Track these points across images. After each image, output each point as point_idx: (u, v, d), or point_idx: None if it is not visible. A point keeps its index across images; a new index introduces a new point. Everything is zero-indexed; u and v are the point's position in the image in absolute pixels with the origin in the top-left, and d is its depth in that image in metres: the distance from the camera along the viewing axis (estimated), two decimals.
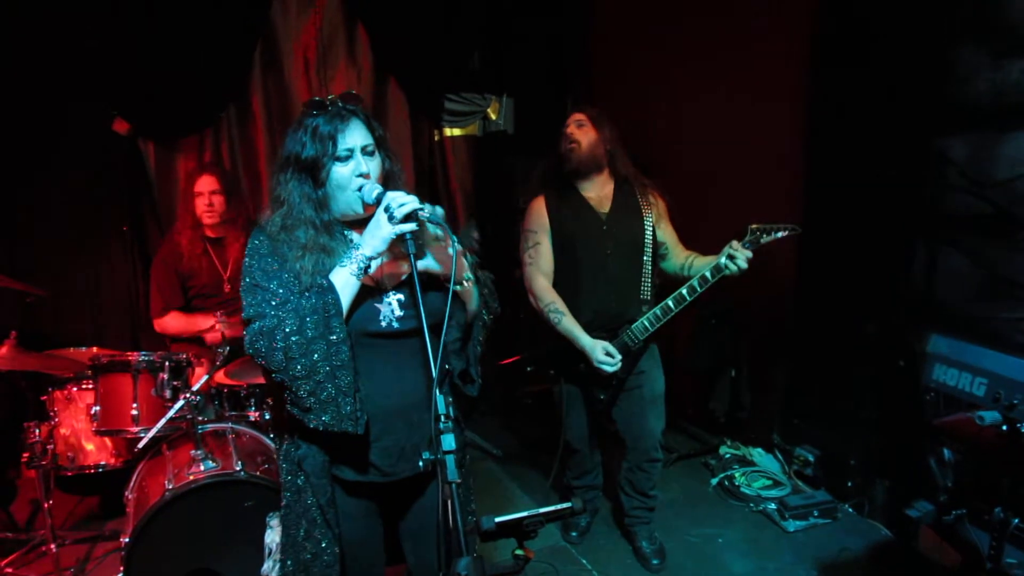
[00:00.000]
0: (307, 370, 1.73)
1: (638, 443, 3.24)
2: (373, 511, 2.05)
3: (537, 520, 1.51)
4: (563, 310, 3.01)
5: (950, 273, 3.18)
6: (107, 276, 4.34)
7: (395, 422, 1.92)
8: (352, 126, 1.83)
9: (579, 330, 2.98)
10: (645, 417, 3.20)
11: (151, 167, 4.38)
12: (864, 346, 3.57)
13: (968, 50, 2.98)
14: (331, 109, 1.84)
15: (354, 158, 1.82)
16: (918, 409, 3.16)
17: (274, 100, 4.61)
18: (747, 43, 4.03)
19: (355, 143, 1.82)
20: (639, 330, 2.98)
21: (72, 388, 3.26)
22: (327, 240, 1.85)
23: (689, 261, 3.08)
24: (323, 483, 1.91)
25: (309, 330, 1.73)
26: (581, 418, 3.27)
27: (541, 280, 3.06)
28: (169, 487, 2.73)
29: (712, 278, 2.79)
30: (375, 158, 1.87)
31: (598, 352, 2.93)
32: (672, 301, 2.89)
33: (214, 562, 2.81)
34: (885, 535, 3.50)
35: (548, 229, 3.08)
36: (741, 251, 2.74)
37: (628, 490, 3.36)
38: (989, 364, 2.48)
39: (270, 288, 1.79)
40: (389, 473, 1.94)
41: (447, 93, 5.01)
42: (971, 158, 3.03)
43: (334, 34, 4.68)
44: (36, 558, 3.28)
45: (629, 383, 3.15)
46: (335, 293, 1.75)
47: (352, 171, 1.82)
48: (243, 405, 3.39)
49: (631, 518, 3.39)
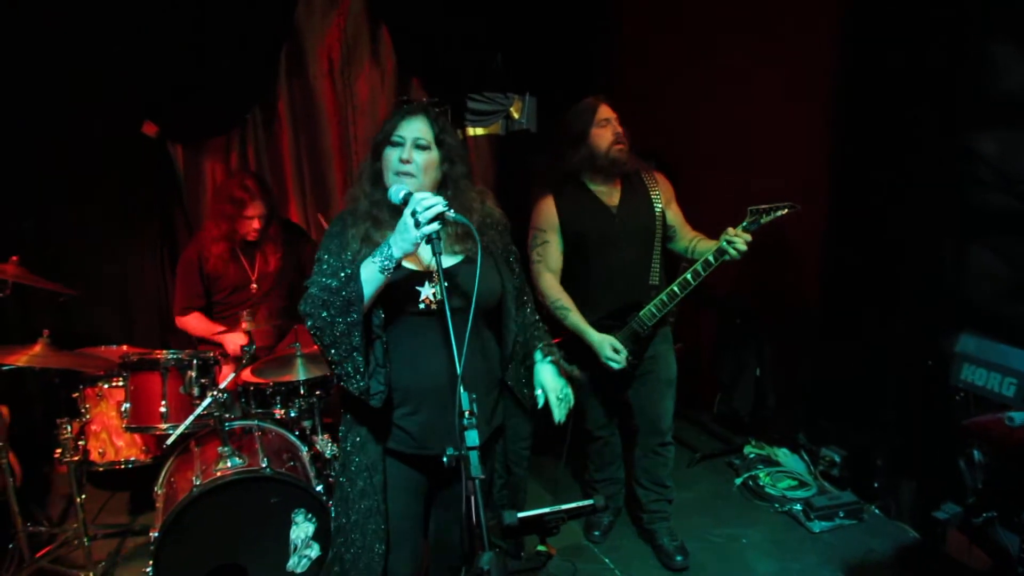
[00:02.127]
0: (332, 341, 1.91)
1: (653, 425, 3.24)
2: (418, 486, 2.15)
3: (559, 516, 1.51)
4: (569, 306, 3.01)
5: (980, 271, 3.12)
6: (137, 276, 4.41)
7: (428, 399, 2.02)
8: (414, 119, 2.00)
9: (585, 325, 2.99)
10: (660, 400, 3.22)
11: (179, 168, 4.46)
12: (892, 345, 3.52)
13: (1000, 45, 2.93)
14: (406, 104, 2.05)
15: (403, 145, 1.98)
16: (947, 409, 3.11)
17: (299, 101, 4.67)
18: (775, 37, 3.98)
19: (409, 133, 1.98)
20: (647, 317, 2.99)
21: (103, 386, 3.32)
22: (376, 212, 2.02)
23: (694, 244, 3.12)
24: (371, 446, 2.07)
25: (332, 308, 1.89)
26: (595, 403, 3.28)
27: (548, 277, 3.05)
28: (197, 483, 2.77)
29: (715, 261, 2.81)
30: (427, 153, 1.99)
31: (606, 349, 2.94)
32: (677, 286, 2.91)
33: (241, 557, 2.86)
34: (912, 537, 3.45)
35: (557, 228, 3.06)
36: (740, 235, 2.76)
37: (644, 481, 3.34)
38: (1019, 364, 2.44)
39: (327, 261, 1.97)
40: (422, 447, 2.05)
41: (470, 93, 5.03)
42: (1003, 155, 2.98)
43: (358, 35, 4.72)
44: (68, 551, 3.35)
45: (642, 368, 3.17)
46: (357, 282, 1.88)
47: (396, 155, 1.97)
48: (269, 403, 3.44)
49: (650, 514, 3.37)
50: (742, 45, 4.18)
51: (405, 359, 2.00)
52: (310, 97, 4.69)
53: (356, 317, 1.87)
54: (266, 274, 3.81)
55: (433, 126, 2.01)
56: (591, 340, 2.97)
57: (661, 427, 3.24)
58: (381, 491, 2.06)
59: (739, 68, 4.20)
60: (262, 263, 3.79)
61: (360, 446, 2.08)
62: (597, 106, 3.06)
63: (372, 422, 2.06)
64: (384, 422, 2.05)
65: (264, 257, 3.79)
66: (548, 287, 3.04)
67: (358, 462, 2.08)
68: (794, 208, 2.78)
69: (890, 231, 3.48)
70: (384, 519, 2.07)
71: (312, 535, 2.95)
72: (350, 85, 4.71)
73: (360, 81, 4.76)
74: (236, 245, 3.73)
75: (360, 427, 2.09)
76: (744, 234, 2.77)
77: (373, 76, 4.80)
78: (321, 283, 1.92)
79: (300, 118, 4.69)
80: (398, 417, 2.04)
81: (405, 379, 2.00)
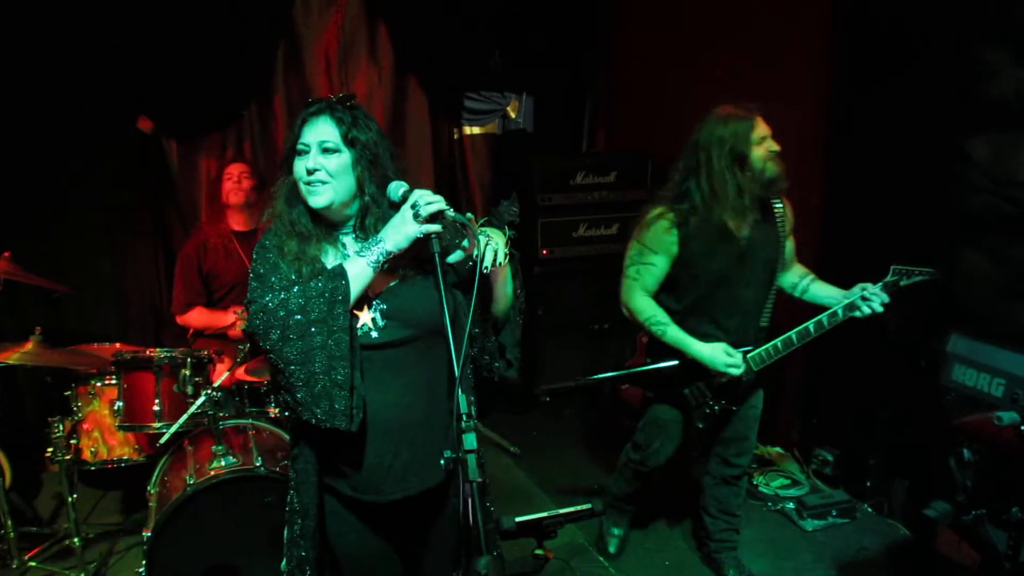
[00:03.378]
0: (302, 355, 1.70)
1: (736, 458, 3.04)
2: (374, 527, 1.97)
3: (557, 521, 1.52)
4: (667, 320, 2.71)
5: (971, 273, 3.15)
6: (131, 273, 4.40)
7: (382, 439, 1.84)
8: (317, 122, 1.81)
9: (689, 338, 2.69)
10: (748, 435, 3.03)
11: (174, 165, 4.44)
12: (884, 345, 3.54)
13: (993, 49, 2.95)
14: (313, 105, 1.84)
15: (308, 153, 1.80)
16: (938, 409, 3.14)
17: (295, 98, 4.65)
18: (771, 36, 3.99)
19: (313, 139, 1.79)
20: (755, 362, 2.73)
21: (96, 384, 3.31)
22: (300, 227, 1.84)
23: (805, 282, 2.89)
24: (305, 488, 1.90)
25: (312, 312, 1.70)
26: (672, 444, 2.98)
27: (641, 295, 2.75)
28: (191, 482, 2.76)
29: (843, 316, 2.63)
30: (336, 156, 1.79)
31: (720, 357, 2.65)
32: (796, 335, 2.67)
33: (234, 557, 2.85)
34: (904, 535, 3.48)
35: (672, 256, 2.71)
36: (879, 294, 2.60)
37: (713, 510, 3.14)
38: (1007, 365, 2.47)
39: (278, 271, 1.79)
40: (372, 492, 1.88)
41: (467, 91, 5.04)
42: (994, 158, 3.01)
43: (356, 33, 4.71)
44: (60, 551, 3.34)
45: (740, 411, 2.94)
46: (346, 279, 1.73)
47: (302, 165, 1.80)
48: (263, 402, 3.43)
49: (717, 543, 3.17)
50: (738, 44, 4.18)
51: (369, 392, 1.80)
52: (307, 93, 4.67)
53: (342, 322, 1.71)
54: None
55: (339, 125, 1.79)
56: (698, 353, 2.67)
57: (743, 460, 3.05)
58: (313, 535, 1.90)
59: (735, 67, 4.20)
60: None
61: (295, 486, 1.92)
62: (754, 120, 2.62)
63: (315, 458, 1.89)
64: (331, 460, 1.88)
65: None
66: (642, 304, 2.74)
67: (297, 502, 1.92)
68: (935, 275, 2.64)
69: (883, 232, 3.50)
70: (318, 568, 1.93)
71: None
72: (347, 83, 4.71)
73: (357, 79, 4.75)
74: (230, 233, 3.72)
75: (299, 464, 1.90)
76: (882, 294, 2.59)
77: (371, 74, 4.80)
78: (289, 290, 1.74)
79: (296, 114, 4.63)
80: (341, 454, 1.86)
81: None
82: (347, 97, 1.86)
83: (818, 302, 2.83)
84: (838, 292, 2.77)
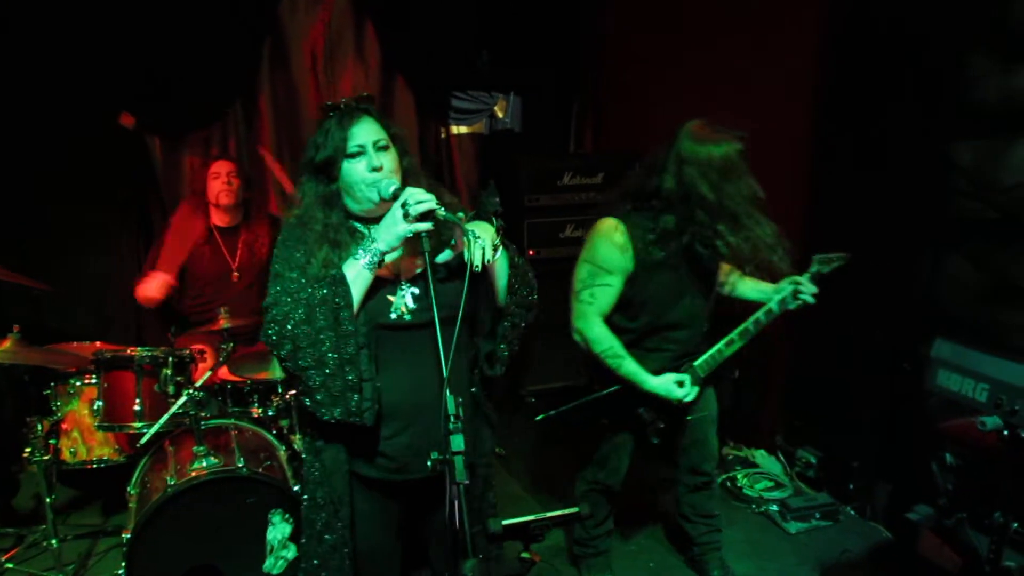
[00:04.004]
0: (316, 361, 1.76)
1: (702, 464, 3.03)
2: (391, 513, 2.04)
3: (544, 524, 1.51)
4: (623, 353, 2.62)
5: (956, 278, 3.18)
6: (112, 271, 4.34)
7: (411, 419, 1.90)
8: (363, 123, 1.86)
9: (643, 373, 2.62)
10: (708, 438, 3.01)
11: (158, 161, 4.40)
12: (868, 349, 3.57)
13: (979, 55, 2.98)
14: (344, 109, 1.88)
15: (366, 153, 1.85)
16: (921, 413, 3.16)
17: (281, 96, 4.62)
18: (761, 40, 4.01)
19: (366, 139, 1.85)
20: (703, 368, 2.72)
21: (75, 383, 3.26)
22: (334, 235, 1.87)
23: (733, 280, 2.88)
24: (337, 478, 1.94)
25: (318, 320, 1.75)
26: (625, 463, 2.95)
27: (597, 322, 2.62)
28: (171, 483, 2.73)
29: (779, 310, 2.68)
30: (389, 153, 1.88)
31: (675, 390, 2.62)
32: (737, 336, 2.70)
33: (216, 559, 2.82)
34: (886, 538, 3.50)
35: (627, 273, 2.59)
36: (808, 286, 2.66)
37: (693, 517, 3.13)
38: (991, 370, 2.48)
39: (290, 277, 1.84)
40: (402, 471, 1.93)
41: (454, 91, 5.02)
42: (979, 164, 3.03)
43: (342, 31, 4.68)
44: (38, 553, 3.28)
45: (693, 419, 2.91)
46: (345, 285, 1.77)
47: (365, 166, 1.85)
48: (246, 401, 3.40)
49: (701, 546, 3.17)
50: (728, 47, 4.20)
51: (384, 378, 1.85)
52: (293, 92, 4.64)
53: (348, 326, 1.76)
54: (250, 264, 3.75)
55: (381, 122, 1.89)
56: (650, 387, 2.61)
57: (709, 464, 3.04)
58: (348, 526, 1.95)
59: (724, 70, 4.22)
60: (245, 253, 3.75)
61: (323, 479, 1.95)
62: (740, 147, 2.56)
63: (341, 451, 1.94)
64: (358, 448, 1.92)
65: (250, 247, 3.75)
66: (599, 333, 2.62)
67: (322, 495, 1.95)
68: (849, 258, 2.78)
69: (869, 235, 3.52)
70: (351, 556, 1.96)
71: (289, 536, 2.91)
72: (334, 81, 4.68)
73: (344, 77, 4.73)
74: (208, 228, 3.68)
75: (324, 458, 1.94)
76: (812, 285, 2.64)
77: (357, 72, 4.77)
78: (298, 298, 1.78)
79: (282, 113, 4.65)
80: (377, 442, 1.91)
81: (386, 397, 1.86)
82: (366, 97, 1.93)
83: (748, 299, 2.86)
84: (767, 287, 2.80)
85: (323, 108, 1.92)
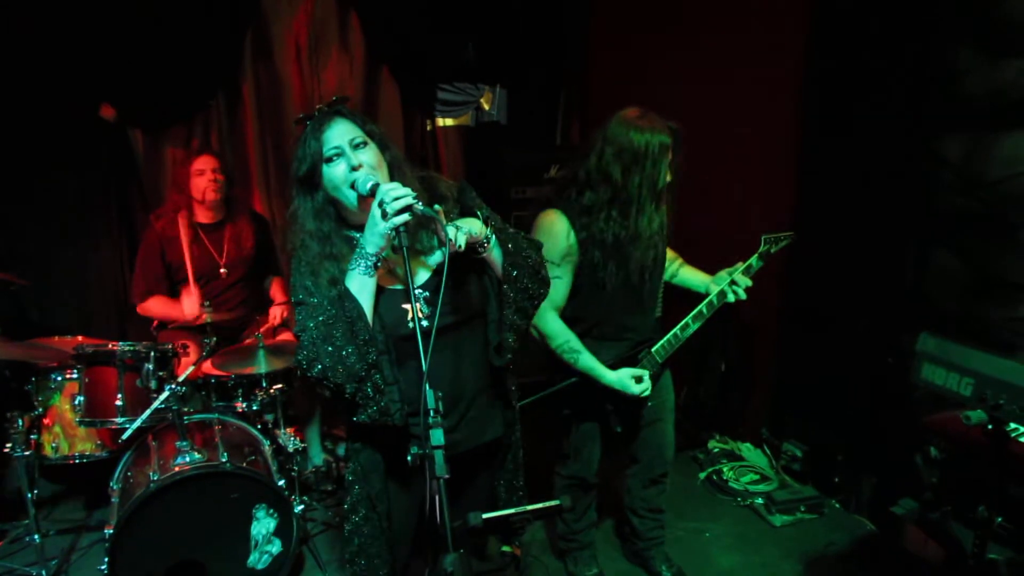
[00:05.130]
0: (348, 374, 1.78)
1: (659, 456, 3.02)
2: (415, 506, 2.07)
3: (525, 517, 1.50)
4: (579, 347, 2.65)
5: (941, 271, 3.19)
6: (94, 264, 4.29)
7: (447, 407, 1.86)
8: (336, 125, 1.84)
9: (600, 367, 2.66)
10: (666, 429, 3.00)
11: (139, 153, 4.34)
12: (854, 343, 3.57)
13: (965, 49, 2.97)
14: (317, 116, 1.86)
15: (344, 154, 1.82)
16: (906, 407, 3.17)
17: (265, 88, 4.57)
18: (747, 32, 4.00)
19: (341, 140, 1.82)
20: (660, 354, 2.77)
21: (56, 378, 3.22)
22: (331, 249, 1.87)
23: (675, 267, 2.96)
24: (374, 477, 1.98)
25: (337, 340, 1.77)
26: (596, 452, 2.96)
27: (552, 317, 2.65)
28: (154, 478, 2.71)
29: (718, 303, 2.75)
30: (368, 148, 1.85)
31: (631, 385, 2.66)
32: (691, 320, 2.75)
33: (199, 554, 2.81)
34: (870, 530, 3.52)
35: (574, 263, 2.63)
36: (743, 279, 2.73)
37: (642, 511, 3.13)
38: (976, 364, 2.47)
39: (310, 303, 1.83)
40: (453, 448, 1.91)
41: (440, 83, 4.98)
42: (965, 158, 3.03)
43: (326, 22, 4.63)
44: (20, 548, 3.27)
45: (648, 410, 2.92)
46: (352, 299, 1.78)
47: (345, 168, 1.82)
48: (230, 395, 3.38)
49: (647, 541, 3.17)
50: (714, 39, 4.19)
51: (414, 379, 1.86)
52: (276, 83, 4.59)
53: (365, 335, 1.77)
54: (238, 260, 3.73)
55: (355, 120, 1.87)
56: (608, 381, 2.66)
57: (666, 457, 3.03)
58: (386, 518, 2.00)
59: (711, 62, 4.21)
60: (233, 248, 3.72)
61: (363, 476, 1.99)
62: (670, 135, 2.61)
63: (377, 449, 1.99)
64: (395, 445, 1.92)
65: (237, 242, 3.72)
66: (555, 329, 2.66)
67: (359, 491, 2.00)
68: (794, 238, 2.85)
69: (855, 229, 3.53)
70: (388, 545, 2.01)
71: (273, 531, 2.90)
72: (318, 72, 4.63)
73: (328, 68, 4.67)
74: (192, 224, 3.65)
75: (362, 456, 2.00)
76: (746, 279, 2.72)
77: (342, 64, 4.72)
78: (317, 321, 1.79)
79: (266, 104, 4.59)
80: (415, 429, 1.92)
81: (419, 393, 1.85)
82: (342, 99, 1.91)
83: (687, 286, 2.92)
84: (706, 277, 2.88)
85: (297, 121, 1.90)
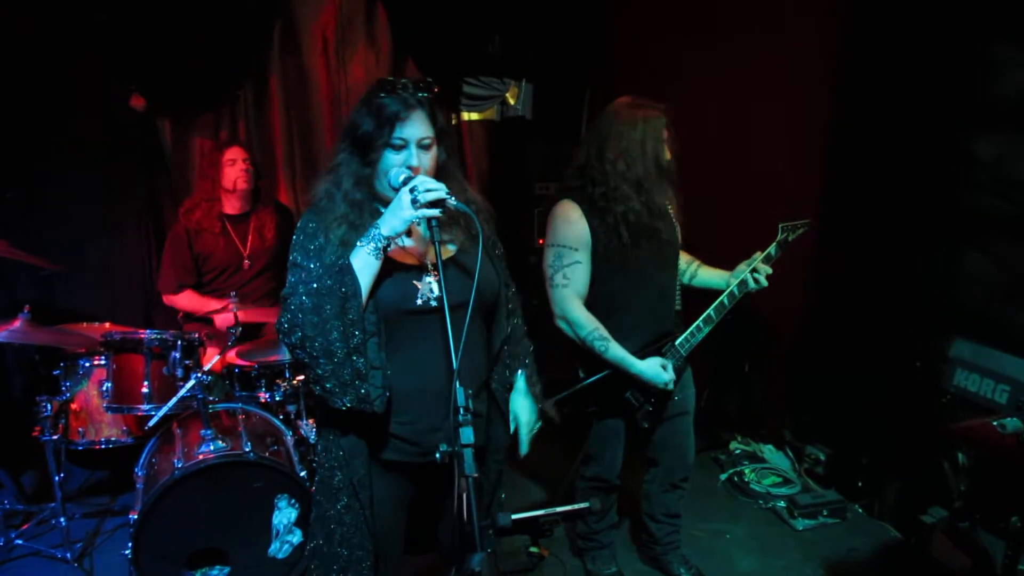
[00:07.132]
0: (324, 350, 1.73)
1: (681, 460, 2.99)
2: (405, 496, 2.02)
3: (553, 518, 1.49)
4: (608, 336, 2.62)
5: (973, 275, 3.13)
6: (121, 252, 4.33)
7: (432, 402, 1.87)
8: (414, 117, 1.81)
9: (630, 356, 2.64)
10: (688, 432, 2.97)
11: (167, 143, 4.37)
12: (880, 345, 3.52)
13: (1001, 50, 2.91)
14: (400, 93, 1.81)
15: (408, 149, 1.82)
16: (932, 411, 3.12)
17: (292, 79, 4.59)
18: (777, 29, 3.95)
19: (412, 135, 1.81)
20: (683, 346, 2.74)
21: (85, 364, 3.27)
22: (356, 216, 1.85)
23: (693, 268, 2.95)
24: (357, 463, 1.91)
25: (325, 311, 1.73)
26: (619, 453, 2.91)
27: (578, 305, 2.63)
28: (178, 466, 2.73)
29: (739, 293, 2.75)
30: (430, 152, 1.86)
31: (661, 373, 2.64)
32: (714, 311, 2.74)
33: (221, 541, 2.82)
34: (894, 536, 3.47)
35: (589, 245, 2.63)
36: (764, 268, 2.75)
37: (660, 516, 3.08)
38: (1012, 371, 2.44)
39: (307, 267, 1.81)
40: (426, 453, 1.87)
41: (466, 77, 4.97)
42: (999, 158, 2.98)
43: (353, 15, 4.64)
44: (46, 530, 3.31)
45: (673, 404, 2.88)
46: (352, 275, 1.74)
47: (402, 161, 1.82)
48: (254, 386, 3.39)
49: (664, 546, 3.12)
50: (743, 37, 4.13)
51: (407, 362, 1.84)
52: (303, 75, 4.61)
53: (355, 315, 1.74)
54: (261, 251, 3.76)
55: (433, 119, 1.84)
56: (638, 370, 2.63)
57: (688, 461, 3.00)
58: (369, 507, 1.93)
59: (739, 61, 4.16)
60: (256, 239, 3.75)
61: (345, 462, 1.91)
62: (664, 119, 2.72)
63: (359, 434, 1.90)
64: (377, 433, 1.89)
65: (259, 233, 3.75)
66: (581, 317, 2.63)
67: (340, 479, 1.93)
68: (811, 225, 2.89)
69: (883, 231, 3.47)
70: (371, 535, 1.95)
71: (294, 521, 2.91)
72: (344, 64, 4.64)
73: (355, 61, 4.68)
74: (220, 215, 3.68)
75: (343, 442, 1.92)
76: (767, 267, 2.75)
77: (368, 56, 4.72)
78: (309, 288, 1.76)
79: (292, 96, 4.61)
80: (397, 426, 1.88)
81: (408, 383, 1.84)
82: (426, 85, 1.86)
83: (707, 286, 2.91)
84: (724, 273, 2.87)
85: (381, 82, 1.85)
